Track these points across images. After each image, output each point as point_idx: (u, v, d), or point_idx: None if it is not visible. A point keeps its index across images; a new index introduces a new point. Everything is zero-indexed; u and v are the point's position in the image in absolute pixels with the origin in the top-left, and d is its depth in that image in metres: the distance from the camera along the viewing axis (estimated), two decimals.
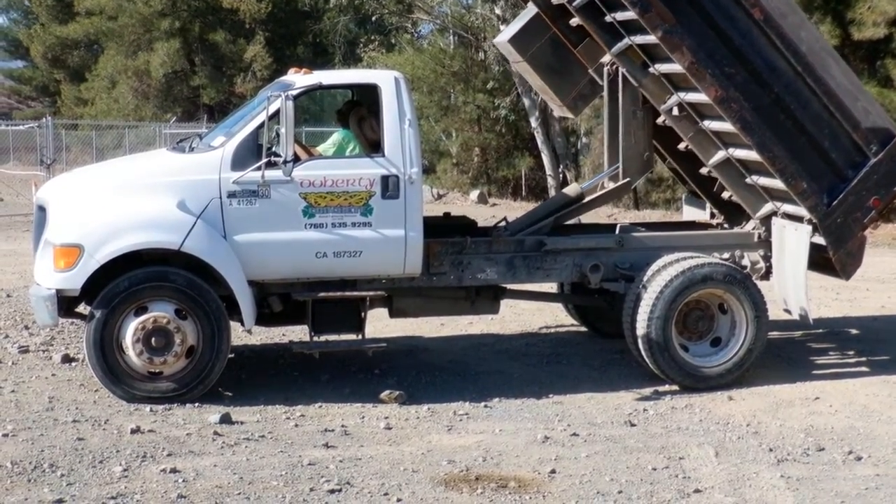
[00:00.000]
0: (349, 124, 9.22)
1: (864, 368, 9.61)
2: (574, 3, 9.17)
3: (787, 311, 9.24)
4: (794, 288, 8.96)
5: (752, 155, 8.80)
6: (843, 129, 8.79)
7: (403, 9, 34.02)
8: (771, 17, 8.60)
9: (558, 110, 11.03)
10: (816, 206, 8.73)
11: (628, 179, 9.73)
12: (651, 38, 8.63)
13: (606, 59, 9.75)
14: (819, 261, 9.00)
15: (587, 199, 9.87)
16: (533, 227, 9.38)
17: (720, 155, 9.25)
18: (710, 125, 9.05)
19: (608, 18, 9.04)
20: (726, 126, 8.76)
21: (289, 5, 43.62)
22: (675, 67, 8.73)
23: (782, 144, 8.66)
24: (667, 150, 10.36)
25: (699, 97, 8.78)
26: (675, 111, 9.23)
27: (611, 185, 9.85)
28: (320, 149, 9.10)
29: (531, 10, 10.16)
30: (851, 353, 10.26)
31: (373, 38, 35.17)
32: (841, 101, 8.75)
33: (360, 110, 9.25)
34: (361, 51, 34.65)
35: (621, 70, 9.49)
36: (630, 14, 8.61)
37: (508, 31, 10.47)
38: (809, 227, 8.79)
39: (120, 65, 42.38)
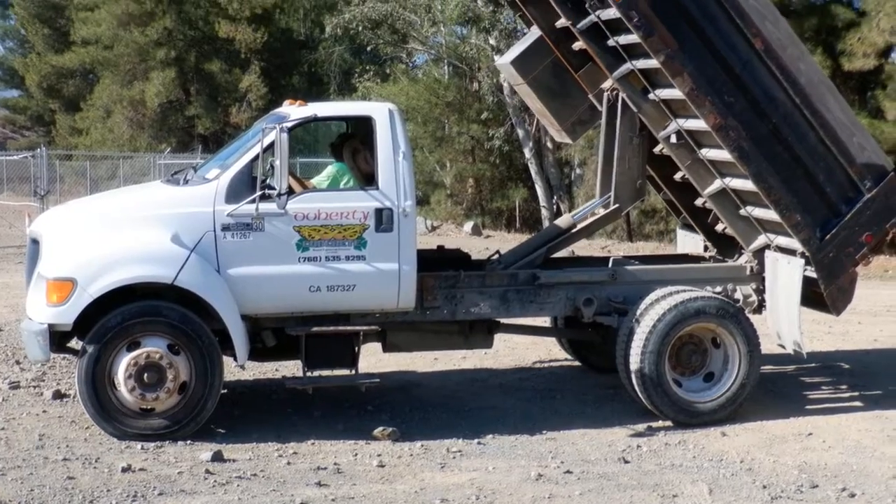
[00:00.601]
0: (343, 157, 9.23)
1: (857, 403, 9.60)
2: (578, 26, 9.24)
3: (781, 345, 9.23)
4: (787, 321, 8.96)
5: (747, 185, 8.82)
6: (838, 163, 8.82)
7: (398, 39, 34.17)
8: (771, 47, 8.66)
9: (556, 135, 11.06)
10: (809, 240, 8.75)
11: (619, 206, 9.73)
12: (653, 63, 8.68)
13: (607, 84, 9.79)
14: (810, 295, 9.01)
15: (578, 226, 9.87)
16: (525, 259, 9.38)
17: (716, 184, 9.27)
18: (708, 154, 9.08)
19: (611, 42, 9.10)
20: (723, 155, 8.79)
21: (284, 35, 43.88)
22: (675, 93, 8.77)
23: (778, 175, 8.69)
24: (662, 181, 10.38)
25: (698, 124, 8.82)
26: (674, 138, 9.26)
27: (602, 212, 9.86)
28: (314, 181, 9.10)
29: (534, 34, 10.23)
30: (844, 387, 10.25)
31: (368, 68, 35.32)
32: (837, 136, 8.79)
33: (353, 143, 9.27)
34: (356, 81, 34.77)
35: (621, 96, 9.52)
36: (633, 38, 8.66)
37: (511, 53, 10.52)
38: (802, 261, 8.80)
39: (115, 94, 42.49)
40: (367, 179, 8.75)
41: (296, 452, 7.88)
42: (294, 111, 8.64)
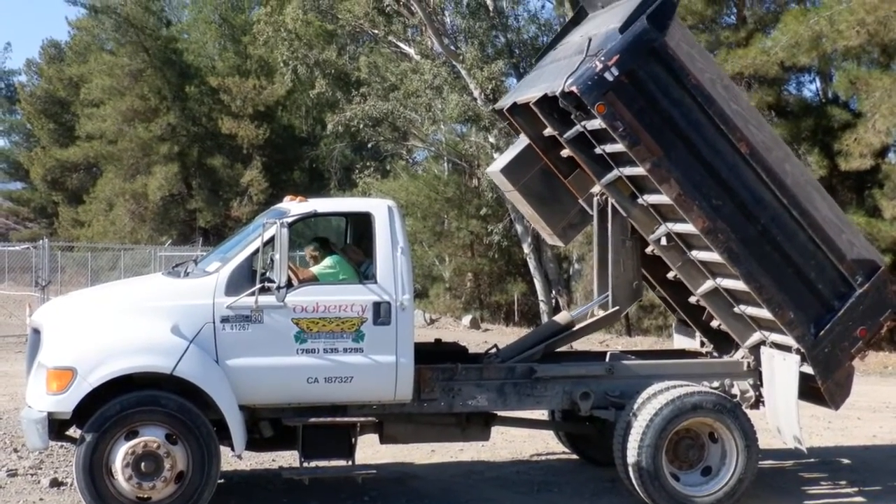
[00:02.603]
0: (332, 250, 9.26)
1: (856, 499, 9.56)
2: (565, 136, 9.37)
3: (783, 440, 9.21)
4: (786, 417, 8.97)
5: (739, 285, 8.89)
6: (828, 260, 8.90)
7: (399, 136, 34.63)
8: (756, 150, 8.75)
9: (549, 239, 11.19)
10: (804, 336, 8.80)
11: (618, 308, 9.82)
12: (639, 170, 8.78)
13: (596, 189, 9.91)
14: (807, 390, 9.03)
15: (578, 326, 9.94)
16: (523, 355, 9.44)
17: (708, 284, 9.34)
18: (698, 255, 9.16)
19: (598, 150, 9.21)
20: (714, 256, 8.86)
21: (286, 132, 44.46)
22: (662, 199, 8.86)
23: (769, 275, 8.75)
24: (655, 279, 10.43)
25: (687, 228, 8.90)
26: (664, 241, 9.36)
27: (601, 314, 9.93)
28: (315, 270, 9.10)
29: (523, 141, 10.37)
30: (843, 483, 10.21)
31: (368, 164, 35.65)
32: (826, 234, 8.89)
33: (330, 243, 9.35)
34: (357, 176, 35.10)
35: (611, 200, 9.66)
36: (619, 146, 8.77)
37: (501, 161, 10.65)
38: (798, 357, 8.83)
39: (118, 188, 42.97)
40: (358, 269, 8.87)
41: None
42: (294, 207, 8.78)
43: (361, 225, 9.24)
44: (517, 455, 11.28)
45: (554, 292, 31.26)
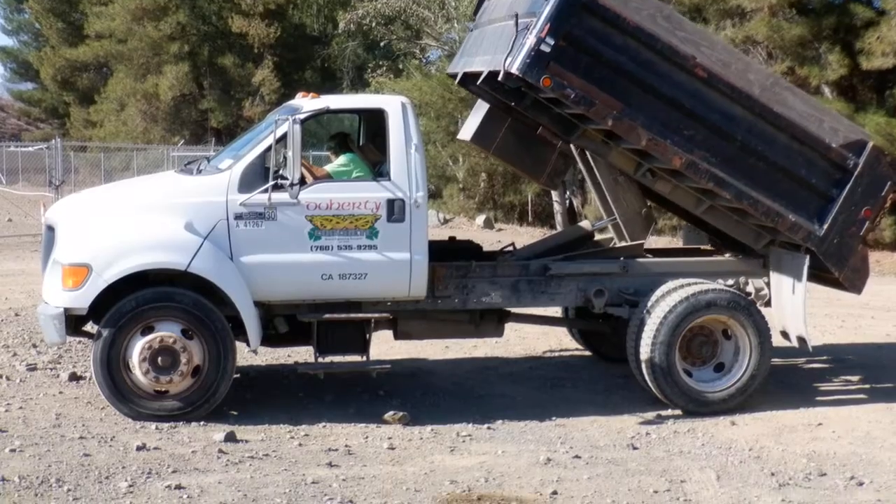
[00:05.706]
0: (349, 148, 9.21)
1: (867, 395, 9.62)
2: (521, 106, 9.20)
3: (786, 337, 9.24)
4: (791, 315, 8.98)
5: (734, 203, 8.82)
6: (816, 153, 8.80)
7: (411, 35, 34.23)
8: (714, 71, 8.54)
9: (539, 186, 11.07)
10: (810, 235, 8.76)
11: (639, 241, 9.67)
12: (604, 126, 8.60)
13: None
14: (829, 277, 9.04)
15: (601, 249, 9.87)
16: (541, 259, 9.39)
17: (704, 206, 9.28)
18: (686, 184, 9.04)
19: (558, 111, 9.05)
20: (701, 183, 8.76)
21: (297, 30, 43.90)
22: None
23: (760, 187, 8.66)
24: (652, 198, 10.19)
25: (667, 164, 8.77)
26: (649, 175, 9.25)
27: (623, 244, 9.78)
28: (328, 168, 9.07)
29: (485, 104, 10.16)
30: (855, 380, 10.27)
31: (381, 63, 35.33)
32: (806, 129, 8.75)
33: (348, 140, 9.28)
34: (369, 76, 34.82)
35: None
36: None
37: (469, 129, 10.37)
38: (807, 256, 8.80)
39: (129, 88, 42.65)
40: (374, 168, 8.83)
41: (307, 434, 7.97)
42: (307, 103, 8.70)
43: (375, 122, 9.17)
44: (530, 352, 11.36)
45: (568, 193, 31.13)
